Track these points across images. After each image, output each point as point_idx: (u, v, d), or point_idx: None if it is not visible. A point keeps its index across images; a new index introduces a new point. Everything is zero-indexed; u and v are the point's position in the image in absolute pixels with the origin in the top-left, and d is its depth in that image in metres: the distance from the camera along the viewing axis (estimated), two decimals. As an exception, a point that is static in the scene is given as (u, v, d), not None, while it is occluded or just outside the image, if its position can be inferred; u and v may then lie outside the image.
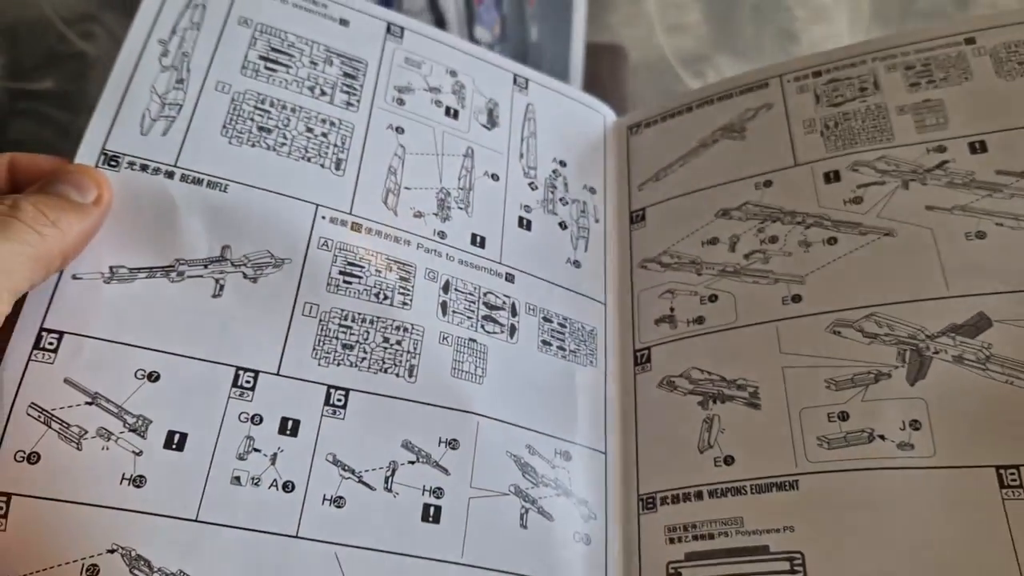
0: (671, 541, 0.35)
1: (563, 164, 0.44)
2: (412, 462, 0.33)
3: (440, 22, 0.62)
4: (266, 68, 0.38)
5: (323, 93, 0.39)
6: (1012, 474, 0.31)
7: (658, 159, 0.45)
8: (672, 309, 0.40)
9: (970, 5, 0.55)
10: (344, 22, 0.41)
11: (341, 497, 0.32)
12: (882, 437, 0.33)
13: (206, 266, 0.33)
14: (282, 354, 0.33)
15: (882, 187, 0.38)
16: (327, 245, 0.36)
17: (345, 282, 0.35)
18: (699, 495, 0.36)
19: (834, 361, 0.35)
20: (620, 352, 0.40)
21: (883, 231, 0.37)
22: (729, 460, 0.36)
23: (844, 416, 0.34)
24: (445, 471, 0.34)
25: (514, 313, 0.38)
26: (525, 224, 0.41)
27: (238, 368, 0.32)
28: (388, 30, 0.42)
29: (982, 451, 0.32)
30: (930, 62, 0.41)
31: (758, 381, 0.36)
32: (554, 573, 0.34)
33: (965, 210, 0.37)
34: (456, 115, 0.42)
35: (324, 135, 0.38)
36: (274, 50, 0.39)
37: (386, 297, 0.36)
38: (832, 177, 0.39)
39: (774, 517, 0.33)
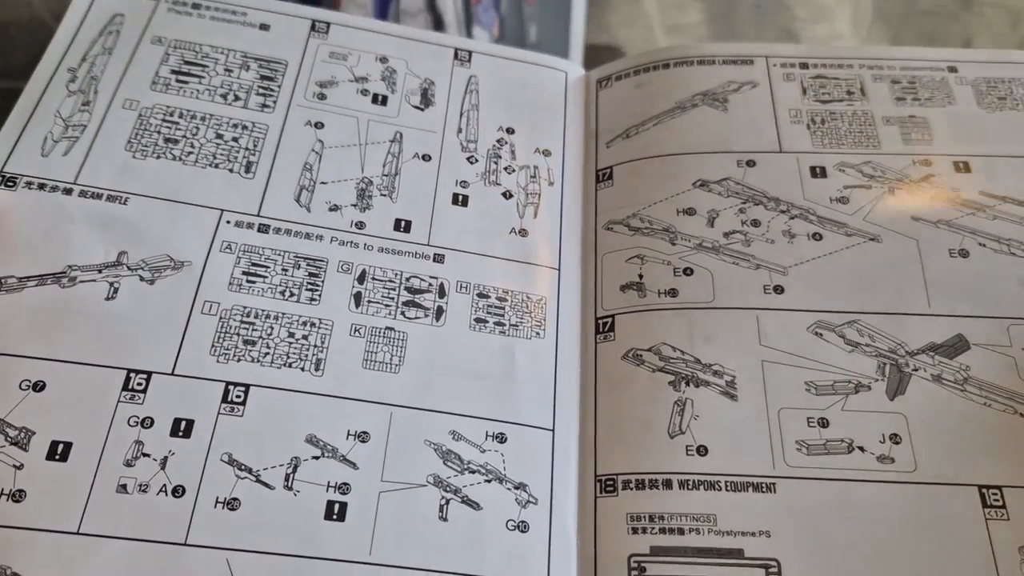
0: (634, 531, 0.31)
1: (510, 131, 0.41)
2: (316, 457, 0.31)
3: (438, 23, 0.61)
4: (177, 81, 0.38)
5: (236, 99, 0.38)
6: (994, 494, 0.31)
7: (630, 115, 0.42)
8: (641, 276, 0.37)
9: (973, 4, 0.51)
10: (264, 27, 0.41)
11: (235, 499, 0.30)
12: (862, 449, 0.32)
13: (100, 271, 0.33)
14: (178, 353, 0.32)
15: (868, 191, 0.38)
16: (230, 248, 0.35)
17: (248, 281, 0.34)
18: (668, 484, 0.32)
19: (815, 364, 0.34)
20: (579, 319, 0.37)
21: (869, 235, 0.37)
22: (703, 450, 0.33)
23: (824, 423, 0.33)
24: (353, 465, 0.31)
25: (442, 294, 0.36)
26: (460, 200, 0.38)
27: (130, 371, 0.31)
28: (313, 27, 0.41)
29: (964, 469, 0.32)
30: (915, 80, 0.41)
31: (736, 370, 0.34)
32: (481, 567, 0.30)
33: (950, 225, 0.37)
34: (384, 101, 0.40)
35: (235, 140, 0.37)
36: (187, 63, 0.39)
37: (292, 294, 0.34)
38: (819, 172, 0.39)
39: (750, 519, 0.31)
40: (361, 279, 0.35)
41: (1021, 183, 0.38)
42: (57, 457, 0.29)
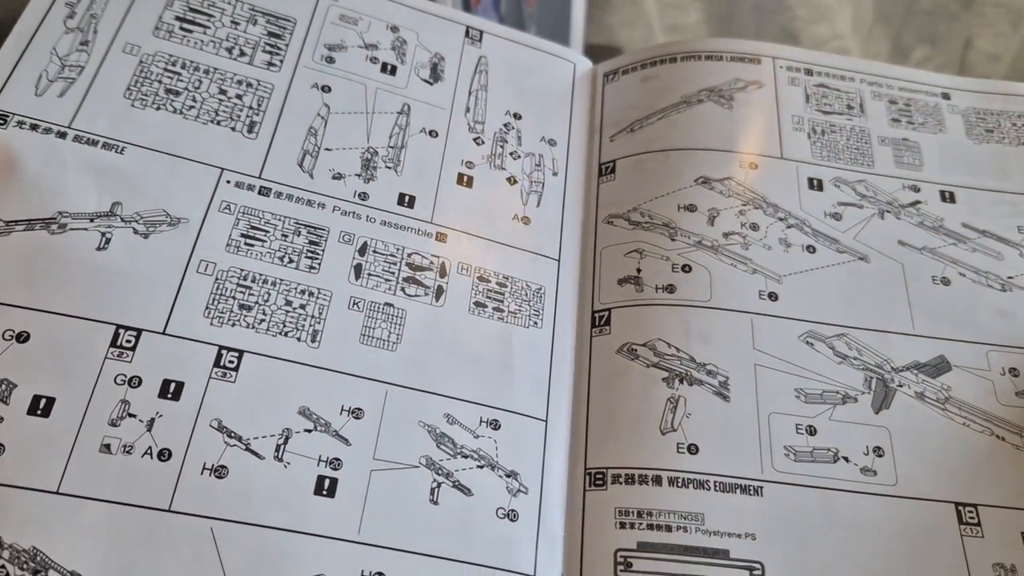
0: (622, 526, 0.31)
1: (518, 117, 0.40)
2: (309, 430, 0.30)
3: None
4: (181, 29, 0.37)
5: (242, 54, 0.37)
6: (970, 512, 0.32)
7: (635, 108, 0.42)
8: (639, 270, 0.37)
9: (974, 4, 0.51)
10: None
11: (223, 467, 0.29)
12: (846, 459, 0.33)
13: (92, 220, 0.31)
14: (170, 312, 0.31)
15: (860, 210, 0.39)
16: (230, 208, 0.33)
17: (247, 244, 0.33)
18: (657, 480, 0.32)
19: (805, 372, 0.35)
20: (575, 312, 0.37)
21: (858, 254, 0.38)
22: (693, 449, 0.33)
23: (812, 430, 0.33)
24: (345, 441, 0.31)
25: (443, 274, 0.35)
26: (465, 181, 0.38)
27: (119, 326, 0.30)
28: None
29: (942, 486, 0.32)
30: (911, 103, 0.42)
31: (729, 371, 0.34)
32: (469, 553, 0.30)
33: (933, 253, 0.38)
34: (394, 71, 0.39)
35: (239, 97, 0.36)
36: (192, 10, 0.37)
37: (291, 261, 0.33)
38: (816, 184, 0.39)
39: (737, 521, 0.32)
40: (362, 251, 0.34)
41: (1000, 219, 0.39)
42: (39, 412, 0.28)
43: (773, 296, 0.36)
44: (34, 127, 0.33)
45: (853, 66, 0.44)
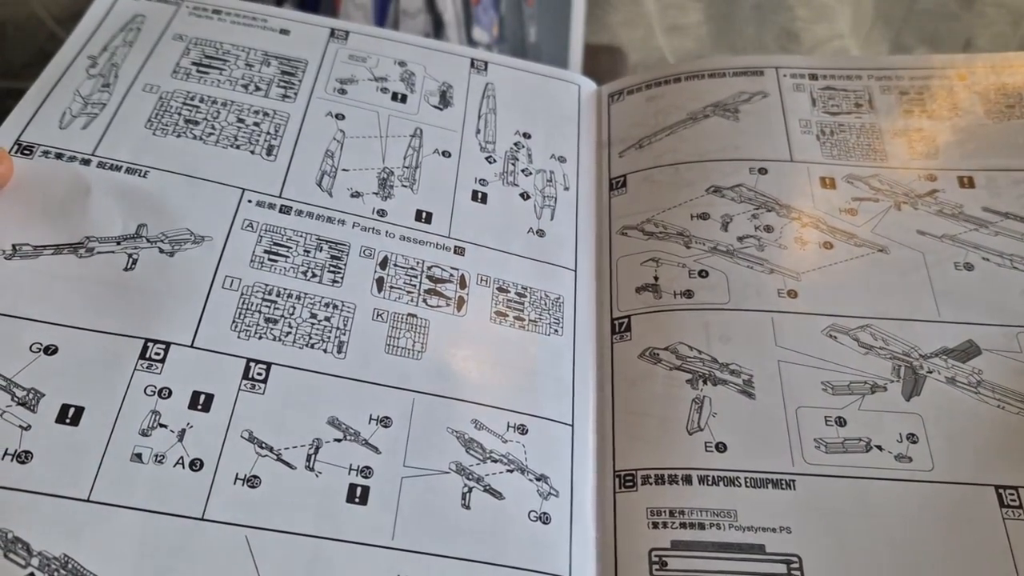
0: (654, 526, 0.31)
1: (527, 136, 0.41)
2: (338, 440, 0.30)
3: (438, 23, 0.61)
4: (198, 71, 0.38)
5: (258, 89, 0.38)
6: (1011, 494, 0.31)
7: (642, 126, 0.42)
8: (656, 278, 0.37)
9: (975, 4, 0.52)
10: (285, 31, 0.41)
11: (256, 476, 0.29)
12: (879, 447, 0.33)
13: (119, 242, 0.32)
14: (198, 326, 0.31)
15: (876, 204, 0.39)
16: (252, 226, 0.34)
17: (270, 260, 0.33)
18: (687, 479, 0.32)
19: (830, 365, 0.34)
20: (594, 319, 0.37)
21: (877, 247, 0.37)
22: (721, 447, 0.33)
23: (842, 422, 0.33)
24: (375, 449, 0.30)
25: (463, 286, 0.35)
26: (480, 197, 0.38)
27: (147, 340, 0.30)
28: (332, 34, 0.42)
29: (981, 470, 0.32)
30: (924, 91, 0.42)
31: (752, 369, 0.34)
32: (503, 555, 0.30)
33: (954, 240, 0.37)
34: (404, 99, 0.40)
35: (256, 124, 0.37)
36: (208, 57, 0.39)
37: (315, 275, 0.34)
38: (828, 183, 0.39)
39: (770, 515, 0.31)
40: (384, 265, 0.35)
41: (1022, 199, 0.38)
42: (68, 421, 0.28)
43: (792, 293, 0.36)
44: (59, 156, 0.33)
45: (859, 64, 0.43)
